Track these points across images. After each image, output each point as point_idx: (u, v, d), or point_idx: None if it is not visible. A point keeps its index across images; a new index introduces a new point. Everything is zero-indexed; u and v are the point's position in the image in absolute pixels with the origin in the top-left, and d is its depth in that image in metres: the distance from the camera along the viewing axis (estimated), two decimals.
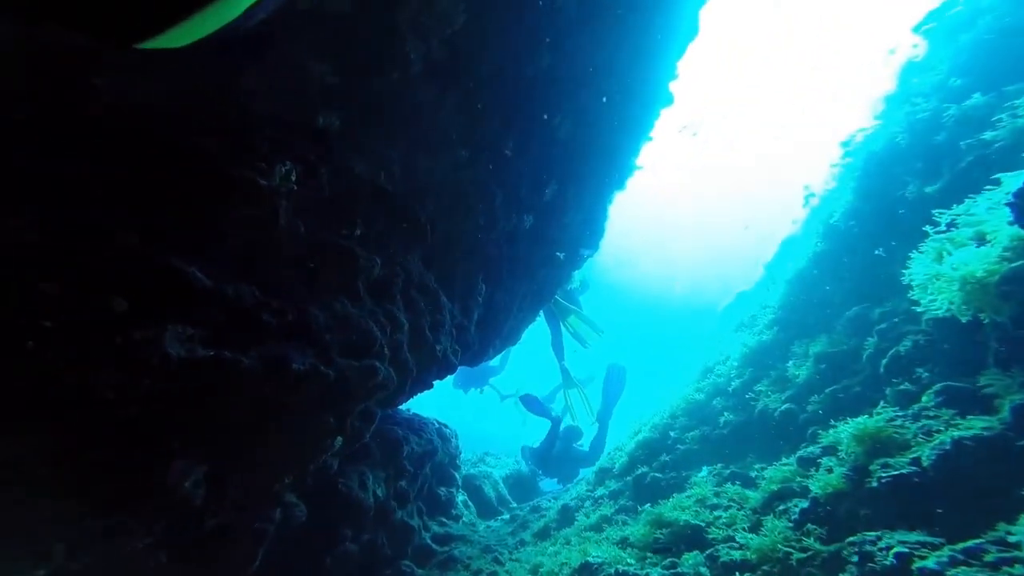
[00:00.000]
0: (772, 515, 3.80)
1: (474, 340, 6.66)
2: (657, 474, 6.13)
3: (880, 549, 2.86)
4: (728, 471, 5.12)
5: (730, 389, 6.27)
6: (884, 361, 4.30)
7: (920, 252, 3.78)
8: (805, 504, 3.61)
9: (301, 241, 3.09)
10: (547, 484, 13.24)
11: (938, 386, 3.65)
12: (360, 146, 3.70)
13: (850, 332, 4.98)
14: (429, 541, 7.09)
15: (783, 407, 5.01)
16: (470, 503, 10.26)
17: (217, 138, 2.43)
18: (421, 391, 6.33)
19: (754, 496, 4.29)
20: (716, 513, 4.29)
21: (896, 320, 4.49)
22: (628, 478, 6.65)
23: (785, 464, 4.33)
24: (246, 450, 2.86)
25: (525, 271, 7.40)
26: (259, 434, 2.87)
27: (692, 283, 32.44)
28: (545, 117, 5.82)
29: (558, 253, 7.62)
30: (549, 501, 8.90)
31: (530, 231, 7.14)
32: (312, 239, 3.19)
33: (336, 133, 3.33)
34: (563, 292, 9.92)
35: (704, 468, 5.64)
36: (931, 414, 3.49)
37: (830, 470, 3.63)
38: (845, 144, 6.72)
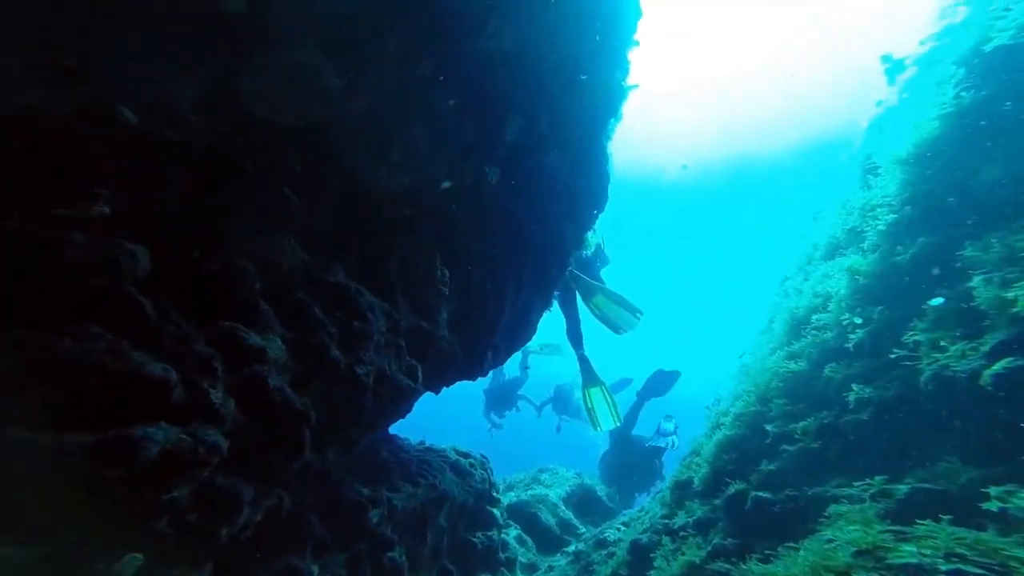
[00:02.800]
0: None
1: (451, 346, 4.71)
2: (762, 493, 3.98)
3: None
4: (902, 488, 2.94)
5: (850, 346, 4.02)
6: None
7: None
8: None
9: None
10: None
11: None
12: None
13: None
14: None
15: (995, 366, 2.74)
16: (526, 537, 8.35)
17: None
18: (386, 424, 4.50)
19: (994, 541, 2.14)
20: None
21: None
22: (716, 500, 4.52)
23: None
24: None
25: (509, 240, 5.37)
26: None
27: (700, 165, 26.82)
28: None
29: (546, 207, 5.54)
30: (617, 529, 6.83)
31: (501, 186, 5.11)
32: None
33: None
34: (578, 263, 7.78)
35: (838, 482, 3.46)
36: None
37: None
38: None
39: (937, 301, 3.36)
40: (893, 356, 3.39)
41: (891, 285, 3.87)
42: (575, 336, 8.77)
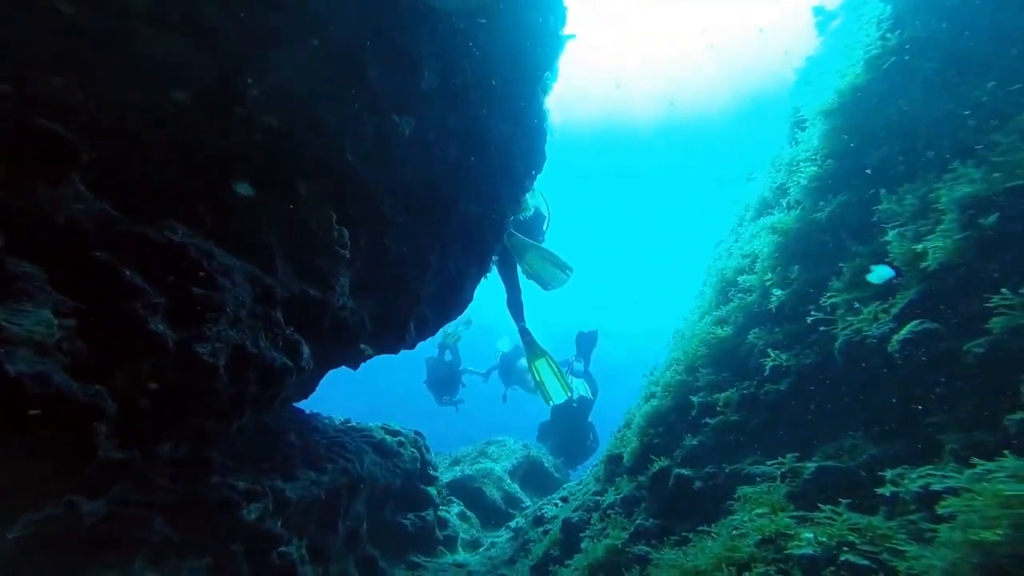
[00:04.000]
0: None
1: (357, 317, 4.27)
2: (684, 470, 3.77)
3: None
4: (810, 467, 2.72)
5: (772, 308, 3.79)
6: None
7: None
8: None
9: None
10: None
11: None
12: None
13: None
14: None
15: (905, 331, 2.51)
16: (470, 513, 8.16)
17: None
18: (270, 407, 4.10)
19: (883, 527, 1.92)
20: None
21: None
22: (642, 477, 4.31)
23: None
24: None
25: (432, 200, 4.91)
26: None
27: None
28: None
29: (476, 166, 5.07)
30: (555, 505, 6.67)
31: (418, 141, 4.61)
32: None
33: None
34: (515, 224, 7.37)
35: (754, 459, 3.25)
36: None
37: None
38: None
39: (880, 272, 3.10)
40: (811, 320, 3.15)
41: (812, 243, 3.61)
42: (516, 307, 8.43)
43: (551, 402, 8.02)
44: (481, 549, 7.19)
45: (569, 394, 7.91)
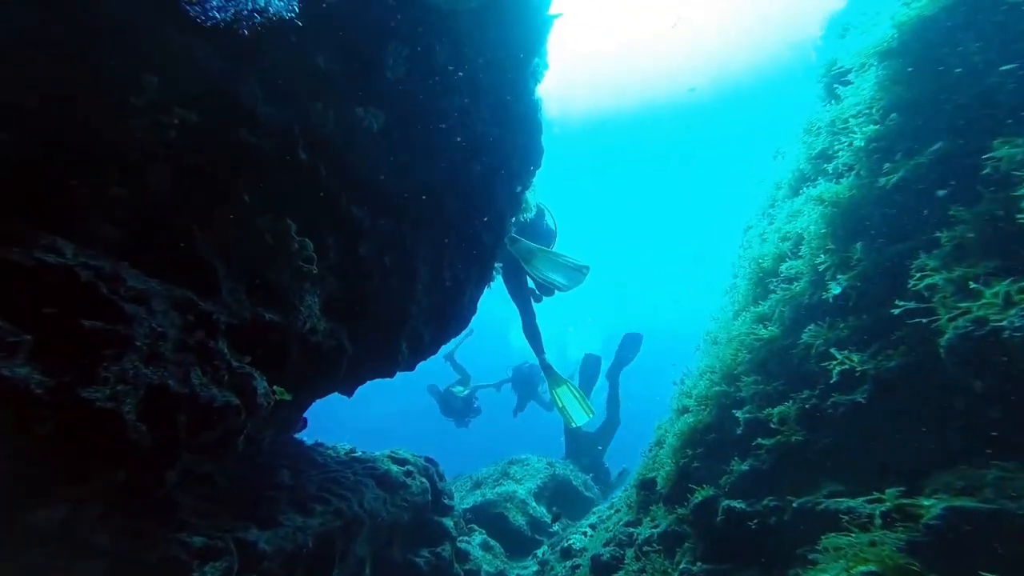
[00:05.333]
0: None
1: (331, 343, 3.70)
2: (735, 503, 3.07)
3: None
4: (933, 507, 2.00)
5: (828, 298, 3.07)
6: None
7: None
8: None
9: None
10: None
11: None
12: None
13: None
14: None
15: None
16: (492, 542, 7.47)
17: None
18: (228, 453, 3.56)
19: None
20: None
21: None
22: (682, 509, 3.61)
23: None
24: None
25: (408, 203, 4.33)
26: None
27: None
28: None
29: (465, 163, 4.45)
30: (584, 534, 5.96)
31: (393, 137, 4.05)
32: None
33: None
34: (518, 228, 6.74)
35: (831, 489, 2.55)
36: None
37: None
38: None
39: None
40: (897, 310, 2.42)
41: (874, 215, 2.89)
42: (533, 336, 7.83)
43: (573, 424, 7.89)
44: None
45: (591, 415, 7.75)
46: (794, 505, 2.68)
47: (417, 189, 4.38)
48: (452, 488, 8.51)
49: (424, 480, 6.13)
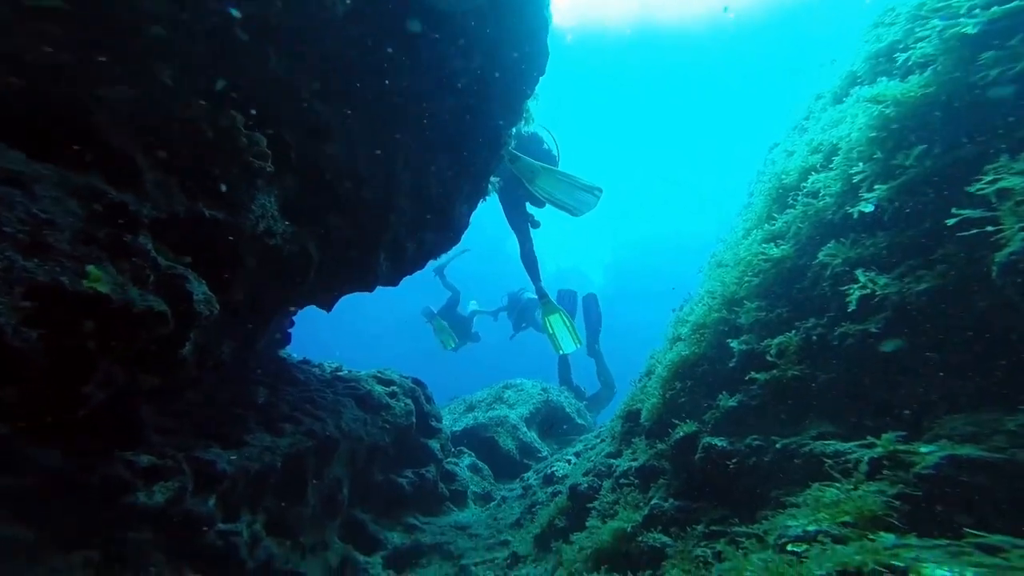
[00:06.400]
0: None
1: (292, 248, 3.37)
2: (717, 440, 2.75)
3: None
4: (929, 453, 1.64)
5: (855, 214, 2.56)
6: None
7: None
8: None
9: None
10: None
11: None
12: None
13: None
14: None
15: None
16: (482, 464, 7.50)
17: None
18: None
19: None
20: None
21: None
22: (661, 444, 3.34)
23: None
24: None
25: (383, 97, 3.81)
26: None
27: None
28: None
29: (436, 33, 3.83)
30: (568, 462, 5.85)
31: (356, 17, 3.48)
32: None
33: None
34: (518, 142, 6.15)
35: (820, 429, 2.20)
36: None
37: None
38: None
39: None
40: (953, 220, 1.91)
41: (953, 115, 2.31)
42: (530, 264, 7.44)
43: (561, 351, 7.95)
44: (492, 504, 6.54)
45: (579, 345, 7.78)
46: (777, 446, 2.34)
47: (393, 80, 3.83)
48: (441, 411, 8.51)
49: (409, 402, 6.01)
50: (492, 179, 6.36)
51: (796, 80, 6.22)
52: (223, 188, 2.77)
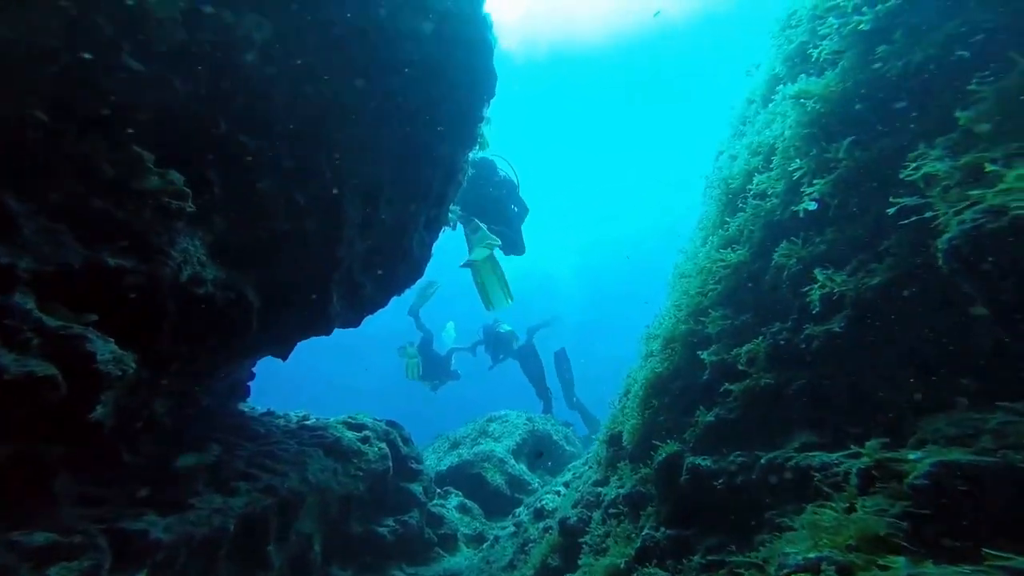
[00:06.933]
0: None
1: (226, 296, 3.16)
2: (701, 460, 2.60)
3: None
4: (920, 461, 1.50)
5: (800, 213, 2.50)
6: None
7: None
8: None
9: None
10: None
11: None
12: None
13: None
14: None
15: None
16: (470, 504, 7.18)
17: None
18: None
19: None
20: None
21: None
22: (646, 468, 3.17)
23: None
24: None
25: (323, 125, 3.68)
26: None
27: None
28: None
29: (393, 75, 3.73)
30: (557, 493, 5.62)
31: (283, 41, 3.38)
32: None
33: None
34: (471, 179, 6.12)
35: (803, 440, 2.07)
36: None
37: None
38: None
39: None
40: (892, 209, 1.83)
41: (868, 106, 2.28)
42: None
43: (490, 308, 6.84)
44: (485, 545, 6.23)
45: (510, 302, 6.67)
46: (762, 462, 2.19)
47: (333, 107, 3.68)
48: (424, 450, 8.18)
49: (383, 446, 5.72)
50: (453, 207, 6.25)
51: (733, 85, 6.31)
52: (130, 233, 2.56)
